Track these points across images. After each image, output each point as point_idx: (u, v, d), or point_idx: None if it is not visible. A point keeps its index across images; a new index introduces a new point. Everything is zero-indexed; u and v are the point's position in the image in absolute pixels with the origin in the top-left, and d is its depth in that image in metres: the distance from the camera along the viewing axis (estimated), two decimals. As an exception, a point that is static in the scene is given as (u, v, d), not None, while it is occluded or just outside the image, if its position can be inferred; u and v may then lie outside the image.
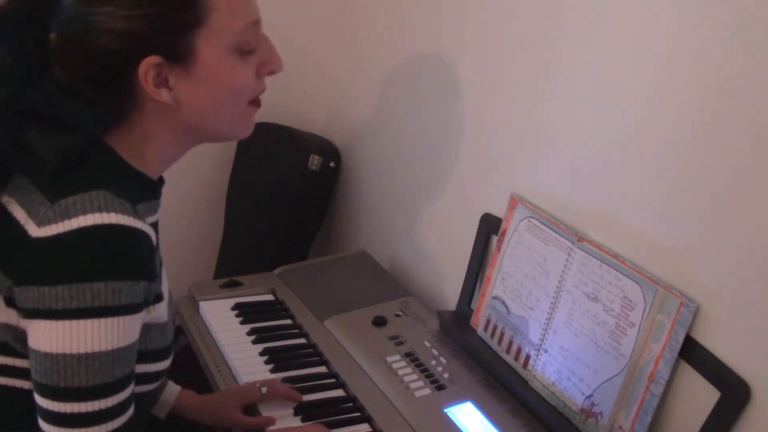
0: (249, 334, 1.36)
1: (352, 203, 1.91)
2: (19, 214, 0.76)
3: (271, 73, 0.87)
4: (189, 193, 1.99)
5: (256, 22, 0.83)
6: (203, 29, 0.78)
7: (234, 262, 1.98)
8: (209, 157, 1.89)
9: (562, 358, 1.16)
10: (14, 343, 0.78)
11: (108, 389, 0.76)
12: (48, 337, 0.73)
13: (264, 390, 1.16)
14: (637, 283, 1.05)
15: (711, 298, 0.98)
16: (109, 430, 0.77)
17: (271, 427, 1.12)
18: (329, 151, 1.86)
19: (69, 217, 0.73)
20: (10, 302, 0.76)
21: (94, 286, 0.72)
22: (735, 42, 0.93)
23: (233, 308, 1.44)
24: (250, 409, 1.16)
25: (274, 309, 1.47)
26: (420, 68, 1.58)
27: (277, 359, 1.29)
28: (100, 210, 0.74)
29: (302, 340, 1.37)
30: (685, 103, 1.00)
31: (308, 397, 1.20)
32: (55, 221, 0.73)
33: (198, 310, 1.43)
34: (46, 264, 0.73)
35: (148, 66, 0.77)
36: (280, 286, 1.53)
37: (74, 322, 0.73)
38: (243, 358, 1.29)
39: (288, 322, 1.42)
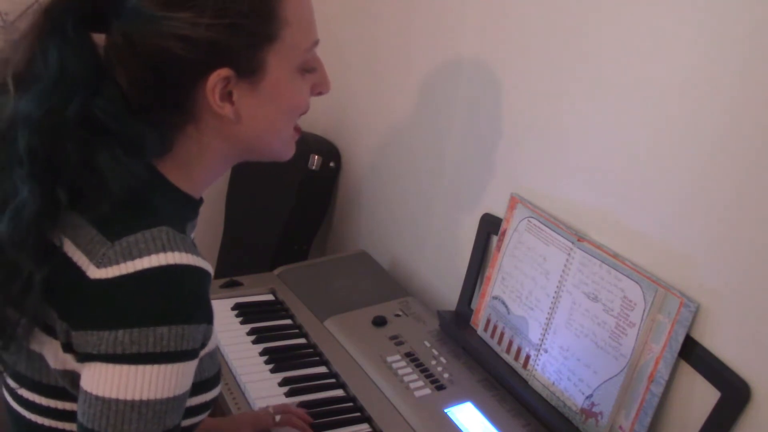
0: (249, 334, 1.36)
1: (352, 203, 1.91)
2: (75, 254, 0.71)
3: (319, 94, 0.86)
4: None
5: (317, 43, 0.82)
6: (276, 45, 0.75)
7: (234, 262, 1.98)
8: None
9: (562, 358, 1.16)
10: (72, 388, 0.74)
11: None
12: (102, 380, 0.68)
13: (278, 418, 1.12)
14: (637, 283, 1.05)
15: (711, 298, 0.98)
16: None
17: None
18: (329, 151, 1.87)
19: (132, 257, 0.68)
20: (67, 347, 0.71)
21: (158, 330, 0.68)
22: (734, 43, 0.93)
23: (233, 308, 1.44)
24: None
25: (274, 309, 1.47)
26: (420, 68, 1.58)
27: (277, 359, 1.29)
28: (164, 250, 0.69)
29: (302, 340, 1.37)
30: (684, 103, 1.00)
31: (308, 397, 1.20)
32: (117, 262, 0.68)
33: (198, 310, 1.43)
34: (108, 308, 0.69)
35: (218, 78, 0.73)
36: (280, 286, 1.53)
37: (132, 367, 0.68)
38: (243, 358, 1.29)
39: (288, 322, 1.42)
